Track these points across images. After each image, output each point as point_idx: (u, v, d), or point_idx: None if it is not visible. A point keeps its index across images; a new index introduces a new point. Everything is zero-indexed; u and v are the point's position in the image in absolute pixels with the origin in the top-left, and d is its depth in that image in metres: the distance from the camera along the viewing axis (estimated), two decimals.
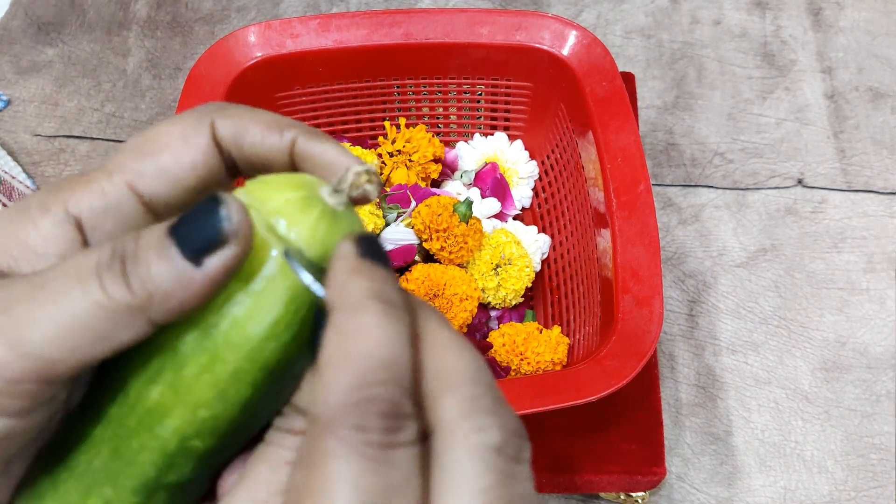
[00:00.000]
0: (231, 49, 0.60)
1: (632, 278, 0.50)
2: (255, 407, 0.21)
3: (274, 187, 0.21)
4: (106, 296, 0.18)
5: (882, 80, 0.78)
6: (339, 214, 0.21)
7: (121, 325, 0.18)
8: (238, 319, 0.20)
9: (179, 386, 0.20)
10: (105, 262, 0.19)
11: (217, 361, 0.20)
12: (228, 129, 0.22)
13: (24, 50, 0.82)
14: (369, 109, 0.67)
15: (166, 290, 0.18)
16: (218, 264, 0.18)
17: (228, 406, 0.20)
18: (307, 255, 0.20)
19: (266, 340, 0.20)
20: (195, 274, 0.18)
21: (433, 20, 0.61)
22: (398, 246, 0.60)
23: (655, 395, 0.56)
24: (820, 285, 0.66)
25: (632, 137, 0.55)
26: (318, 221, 0.20)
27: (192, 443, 0.20)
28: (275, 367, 0.20)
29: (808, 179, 0.72)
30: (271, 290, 0.20)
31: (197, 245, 0.18)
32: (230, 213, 0.19)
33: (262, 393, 0.20)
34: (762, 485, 0.58)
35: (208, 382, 0.20)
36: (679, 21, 0.82)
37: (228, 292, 0.20)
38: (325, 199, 0.21)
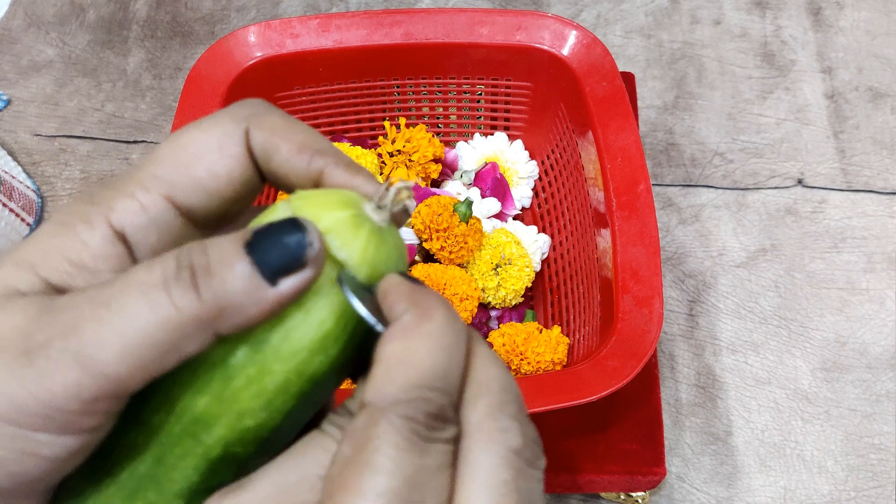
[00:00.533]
0: (231, 49, 0.60)
1: (632, 278, 0.50)
2: (296, 415, 0.21)
3: (321, 205, 0.21)
4: (175, 309, 0.18)
5: (882, 80, 0.78)
6: (384, 232, 0.21)
7: (188, 338, 0.19)
8: (290, 334, 0.20)
9: (226, 397, 0.20)
10: (171, 275, 0.19)
11: (266, 374, 0.20)
12: (260, 142, 0.22)
13: (24, 50, 0.82)
14: (369, 109, 0.67)
15: (238, 305, 0.19)
16: (293, 286, 0.19)
17: (273, 415, 0.21)
18: (357, 273, 0.21)
19: (315, 354, 0.20)
20: (269, 293, 0.19)
21: (433, 20, 0.61)
22: None
23: (655, 395, 0.56)
24: (820, 285, 0.66)
25: (632, 137, 0.55)
26: (367, 241, 0.21)
27: (234, 449, 0.21)
28: (321, 378, 0.21)
29: (808, 179, 0.72)
30: (323, 307, 0.20)
31: (276, 266, 0.19)
32: (313, 240, 0.19)
33: (305, 402, 0.21)
34: (762, 485, 0.58)
35: (255, 393, 0.20)
36: (679, 21, 0.82)
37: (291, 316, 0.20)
38: (371, 217, 0.21)
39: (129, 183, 0.21)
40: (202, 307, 0.19)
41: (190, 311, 0.19)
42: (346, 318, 0.21)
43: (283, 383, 0.20)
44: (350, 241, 0.21)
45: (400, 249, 0.22)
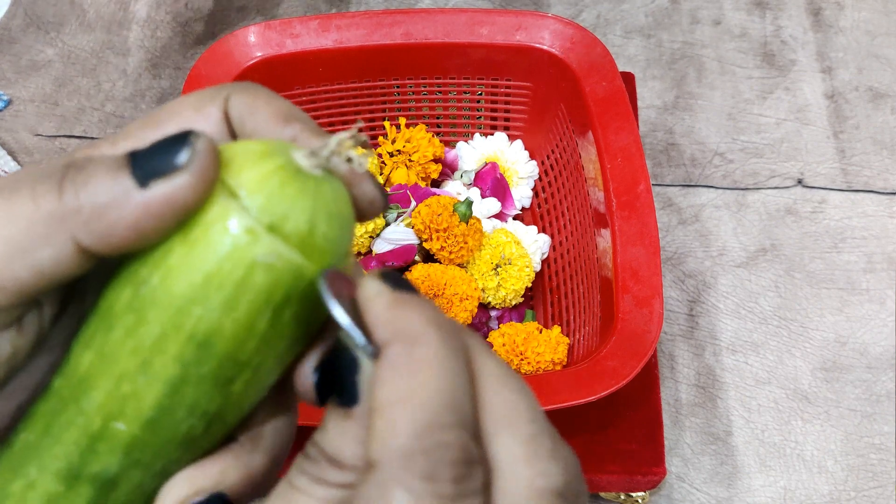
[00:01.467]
0: (231, 49, 0.60)
1: (632, 278, 0.50)
2: (187, 396, 0.18)
3: (248, 144, 0.19)
4: (34, 204, 0.17)
5: (882, 80, 0.78)
6: (310, 178, 0.18)
7: (41, 239, 0.17)
8: (168, 272, 0.17)
9: (106, 351, 0.18)
10: (48, 173, 0.17)
11: (141, 323, 0.18)
12: (239, 108, 0.20)
13: (24, 50, 0.82)
14: (369, 109, 0.67)
15: (99, 204, 0.17)
16: (164, 191, 0.17)
17: (152, 382, 0.18)
18: (250, 206, 0.17)
19: (191, 302, 0.17)
20: (135, 195, 0.17)
21: (433, 20, 0.61)
22: (398, 246, 0.60)
23: (655, 395, 0.56)
24: (820, 285, 0.66)
25: (632, 137, 0.55)
26: (272, 174, 0.18)
27: (115, 425, 0.18)
28: (205, 342, 0.18)
29: (808, 179, 0.72)
30: (206, 241, 0.17)
31: (149, 168, 0.17)
32: (195, 143, 0.17)
33: (194, 377, 0.18)
34: (762, 485, 0.58)
35: (131, 349, 0.18)
36: (679, 21, 0.82)
37: (169, 244, 0.18)
38: (297, 160, 0.18)
39: (104, 140, 0.20)
40: (59, 204, 0.17)
41: (46, 207, 0.17)
42: (240, 267, 0.17)
43: (159, 338, 0.18)
44: (250, 168, 0.18)
45: (335, 205, 0.19)
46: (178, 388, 0.18)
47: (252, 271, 0.17)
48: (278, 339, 0.18)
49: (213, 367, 0.18)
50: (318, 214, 0.18)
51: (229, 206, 0.17)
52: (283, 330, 0.18)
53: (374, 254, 0.60)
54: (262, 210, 0.17)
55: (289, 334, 0.19)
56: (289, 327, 0.18)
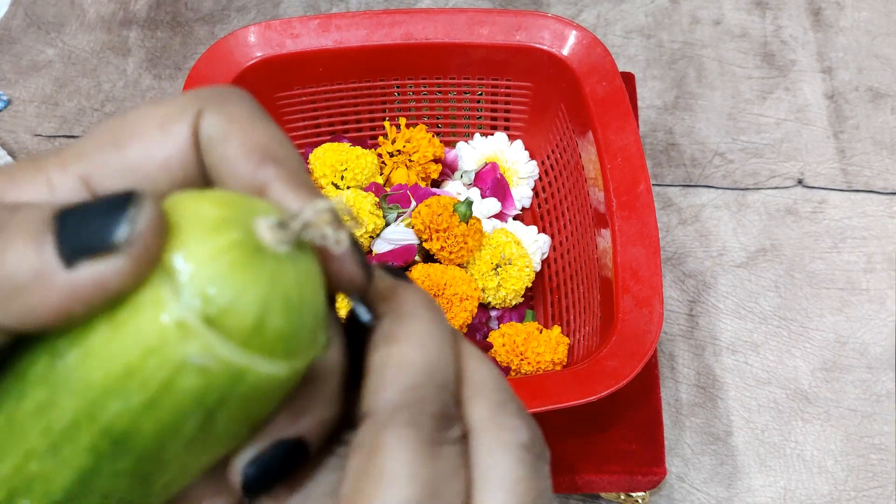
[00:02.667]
0: (231, 49, 0.60)
1: (632, 278, 0.50)
2: (101, 486, 0.16)
3: (201, 198, 0.16)
4: None
5: (882, 80, 0.78)
6: (270, 257, 0.15)
7: None
8: (86, 355, 0.15)
9: (15, 421, 0.16)
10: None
11: (53, 405, 0.15)
12: (210, 130, 0.17)
13: (24, 50, 0.82)
14: (369, 109, 0.67)
15: (17, 283, 0.14)
16: (92, 276, 0.14)
17: (61, 468, 0.16)
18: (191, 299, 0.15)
19: (107, 395, 0.15)
20: (59, 276, 0.14)
21: (433, 20, 0.61)
22: (398, 246, 0.60)
23: (655, 395, 0.56)
24: (820, 285, 0.66)
25: (632, 137, 0.55)
26: (223, 251, 0.15)
27: (21, 501, 0.16)
28: (121, 439, 0.15)
29: (808, 179, 0.72)
30: (132, 329, 0.15)
31: (78, 243, 0.14)
32: (137, 218, 0.14)
33: (108, 471, 0.16)
34: (762, 485, 0.58)
35: (41, 429, 0.15)
36: (679, 21, 0.82)
37: (96, 325, 0.15)
38: (258, 231, 0.15)
39: (50, 158, 0.17)
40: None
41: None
42: (175, 365, 0.15)
43: (70, 426, 0.15)
44: (197, 242, 0.15)
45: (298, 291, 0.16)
46: (91, 478, 0.16)
47: (180, 372, 0.15)
48: (211, 440, 0.16)
49: (131, 463, 0.16)
50: (272, 305, 0.15)
51: (163, 291, 0.14)
52: (217, 432, 0.16)
53: (374, 254, 0.60)
54: (201, 298, 0.15)
55: (224, 433, 0.16)
56: (224, 427, 0.16)
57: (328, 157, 0.62)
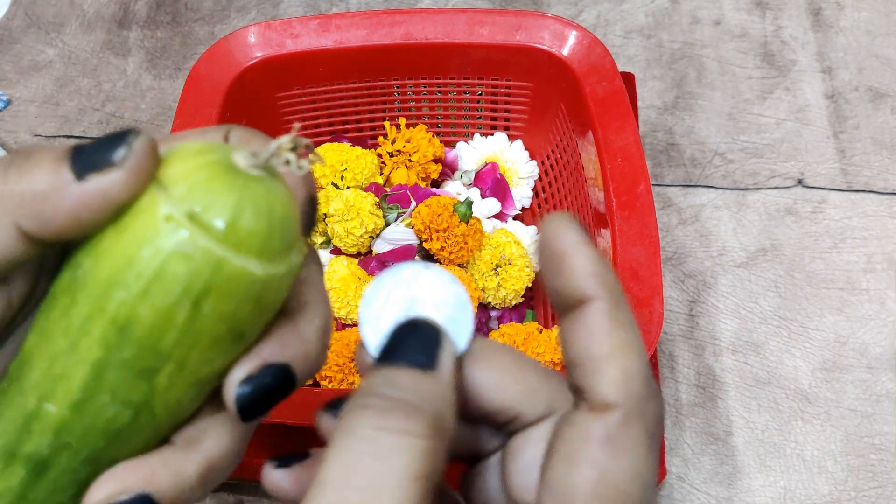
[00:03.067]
0: (231, 49, 0.60)
1: (632, 278, 0.50)
2: (110, 380, 0.19)
3: (189, 143, 0.19)
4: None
5: (882, 80, 0.78)
6: (242, 175, 0.19)
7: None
8: (96, 258, 0.18)
9: (45, 331, 0.19)
10: (3, 159, 0.19)
11: (73, 305, 0.18)
12: (237, 140, 0.22)
13: (24, 50, 0.82)
14: (369, 109, 0.67)
15: (39, 193, 0.18)
16: (98, 184, 0.18)
17: (79, 363, 0.18)
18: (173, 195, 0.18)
19: (113, 286, 0.18)
20: (73, 187, 0.18)
21: (433, 20, 0.61)
22: (398, 246, 0.60)
23: None
24: (820, 285, 0.66)
25: (632, 137, 0.55)
26: (202, 167, 0.18)
27: (46, 405, 0.19)
28: (125, 326, 0.18)
29: (808, 179, 0.72)
30: (131, 229, 0.18)
31: (88, 162, 0.18)
32: (133, 142, 0.18)
33: (115, 361, 0.18)
34: (762, 485, 0.58)
35: (63, 329, 0.18)
36: (679, 21, 0.82)
37: (103, 232, 0.18)
38: (234, 158, 0.19)
39: None
40: (2, 186, 0.18)
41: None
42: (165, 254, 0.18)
43: (85, 319, 0.18)
44: (183, 162, 0.18)
45: (267, 201, 0.19)
46: (102, 371, 0.18)
47: (169, 260, 0.18)
48: (201, 334, 0.19)
49: (134, 353, 0.18)
50: (243, 208, 0.18)
51: (156, 197, 0.18)
52: (206, 324, 0.18)
53: (374, 254, 0.60)
54: (185, 200, 0.18)
55: (212, 330, 0.19)
56: (212, 322, 0.19)
57: (328, 157, 0.62)
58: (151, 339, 0.18)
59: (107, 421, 0.19)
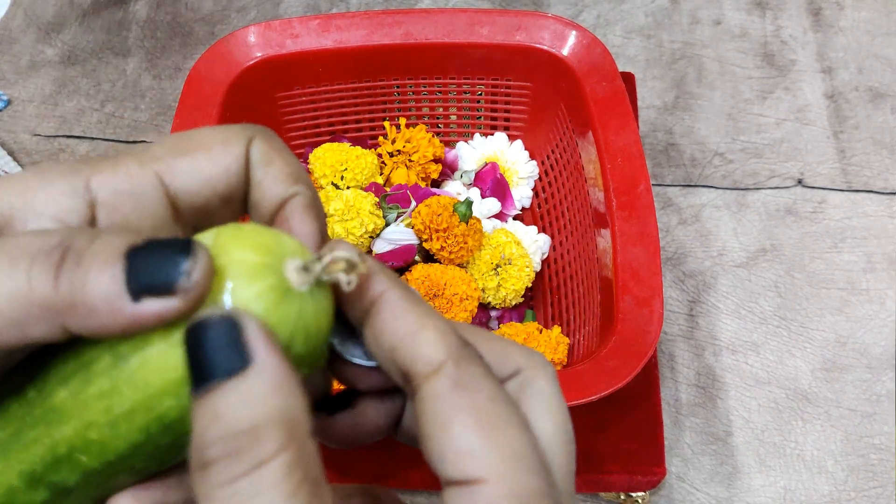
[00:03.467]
0: (231, 49, 0.60)
1: (632, 278, 0.50)
2: (148, 451, 0.20)
3: (241, 240, 0.19)
4: (28, 287, 0.17)
5: (882, 80, 0.78)
6: (296, 297, 0.19)
7: (34, 320, 0.18)
8: (146, 362, 0.18)
9: (80, 399, 0.19)
10: (46, 249, 0.18)
11: (116, 393, 0.19)
12: (258, 154, 0.21)
13: (24, 50, 0.82)
14: (369, 109, 0.66)
15: (91, 307, 0.17)
16: (154, 311, 0.17)
17: (118, 439, 0.19)
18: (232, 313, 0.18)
19: (163, 395, 0.19)
20: (127, 307, 0.17)
21: (433, 20, 0.61)
22: (398, 246, 0.60)
23: (655, 395, 0.56)
24: (820, 285, 0.66)
25: (632, 137, 0.55)
26: (261, 295, 0.18)
27: (79, 456, 0.20)
28: (171, 425, 0.19)
29: (808, 179, 0.72)
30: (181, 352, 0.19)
31: (144, 282, 0.17)
32: (193, 269, 0.17)
33: (157, 441, 0.19)
34: (762, 485, 0.58)
35: (103, 408, 0.19)
36: (679, 21, 0.82)
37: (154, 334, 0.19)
38: (286, 273, 0.19)
39: (124, 156, 0.20)
40: (53, 294, 0.17)
41: (41, 294, 0.17)
42: None
43: (130, 411, 0.19)
44: (242, 285, 0.18)
45: (315, 322, 0.19)
46: (140, 447, 0.19)
47: None
48: None
49: (175, 438, 0.19)
50: (296, 335, 0.19)
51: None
52: None
53: (374, 254, 0.60)
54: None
55: None
56: None
57: (328, 157, 0.62)
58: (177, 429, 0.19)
59: (138, 468, 0.20)
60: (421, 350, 0.19)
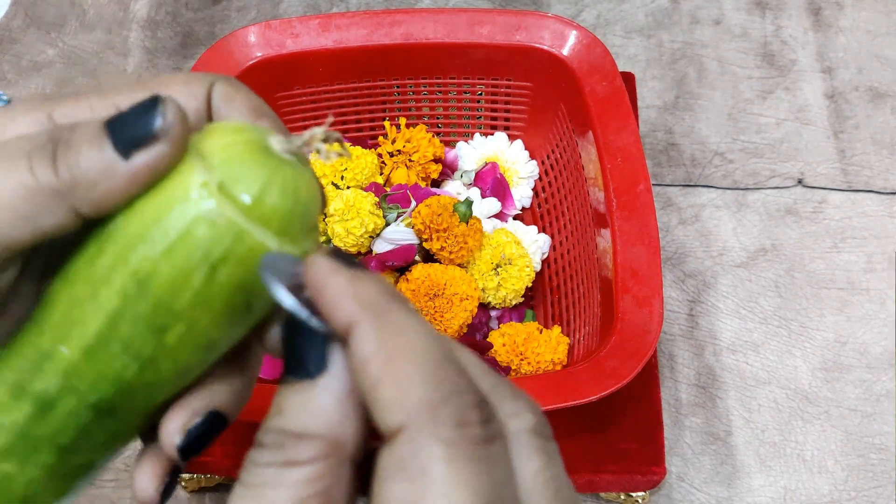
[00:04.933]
0: (231, 49, 0.60)
1: (632, 278, 0.50)
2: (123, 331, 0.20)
3: (229, 122, 0.21)
4: (33, 177, 0.19)
5: (882, 80, 0.78)
6: (275, 156, 0.20)
7: (44, 209, 0.19)
8: (128, 214, 0.19)
9: (68, 277, 0.20)
10: (38, 146, 0.19)
11: (99, 254, 0.20)
12: (220, 95, 0.22)
13: (25, 50, 0.82)
14: (369, 109, 0.67)
15: (91, 179, 0.19)
16: (145, 160, 0.19)
17: (96, 310, 0.20)
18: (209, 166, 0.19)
19: (138, 240, 0.19)
20: (121, 166, 0.19)
21: (433, 20, 0.61)
22: (398, 246, 0.60)
23: (655, 395, 0.56)
24: (820, 285, 0.66)
25: (632, 137, 0.55)
26: (240, 143, 0.19)
27: (60, 347, 0.20)
28: (144, 280, 0.19)
29: (808, 179, 0.72)
30: (165, 190, 0.19)
31: (129, 139, 0.19)
32: (166, 112, 0.19)
33: (131, 314, 0.19)
34: (762, 485, 0.58)
35: (87, 277, 0.20)
36: (679, 21, 0.82)
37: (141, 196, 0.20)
38: (269, 140, 0.20)
39: (88, 92, 0.22)
40: (57, 179, 0.19)
41: (45, 181, 0.19)
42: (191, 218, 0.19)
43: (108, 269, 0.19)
44: (222, 136, 0.20)
45: (294, 184, 0.20)
46: (116, 321, 0.20)
47: (195, 224, 0.19)
48: (214, 299, 0.20)
49: (149, 308, 0.19)
50: (271, 187, 0.19)
51: (193, 165, 0.19)
52: (220, 291, 0.20)
53: (374, 254, 0.60)
54: (218, 171, 0.19)
55: (225, 298, 0.20)
56: (226, 290, 0.20)
57: None
58: (167, 296, 0.19)
59: (115, 371, 0.20)
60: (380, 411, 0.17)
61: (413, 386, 0.16)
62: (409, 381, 0.16)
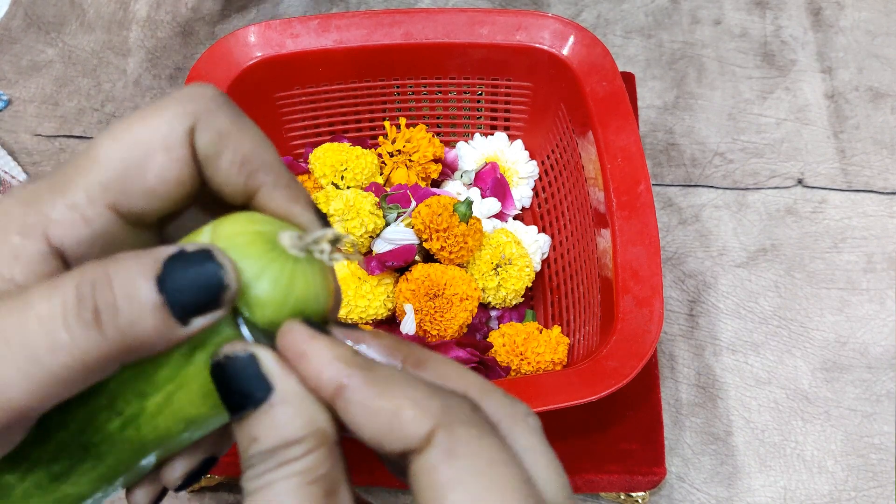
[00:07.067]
0: (231, 49, 0.60)
1: (632, 278, 0.50)
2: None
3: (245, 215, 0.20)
4: (78, 348, 0.18)
5: (882, 80, 0.78)
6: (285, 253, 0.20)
7: (94, 371, 0.18)
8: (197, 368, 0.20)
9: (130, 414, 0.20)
10: (72, 310, 0.18)
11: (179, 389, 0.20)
12: (204, 145, 0.20)
13: (25, 50, 0.82)
14: (369, 109, 0.67)
15: (147, 344, 0.18)
16: (203, 324, 0.18)
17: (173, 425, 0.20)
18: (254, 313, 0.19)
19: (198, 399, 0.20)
20: (179, 332, 0.18)
21: (433, 20, 0.61)
22: (398, 246, 0.60)
23: (655, 395, 0.56)
24: (820, 285, 0.66)
25: (632, 137, 0.55)
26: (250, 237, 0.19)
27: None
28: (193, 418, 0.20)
29: (808, 179, 0.72)
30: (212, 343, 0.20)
31: (190, 306, 0.18)
32: (230, 281, 0.18)
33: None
34: (762, 485, 0.58)
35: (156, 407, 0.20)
36: (679, 21, 0.82)
37: None
38: (279, 236, 0.20)
39: (72, 188, 0.20)
40: (107, 345, 0.18)
41: (94, 349, 0.18)
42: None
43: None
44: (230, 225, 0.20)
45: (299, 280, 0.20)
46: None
47: None
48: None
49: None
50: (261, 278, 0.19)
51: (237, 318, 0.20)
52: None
53: (374, 253, 0.60)
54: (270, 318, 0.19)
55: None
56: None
57: (328, 157, 0.62)
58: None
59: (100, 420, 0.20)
60: (404, 432, 0.18)
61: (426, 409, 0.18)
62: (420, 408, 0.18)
